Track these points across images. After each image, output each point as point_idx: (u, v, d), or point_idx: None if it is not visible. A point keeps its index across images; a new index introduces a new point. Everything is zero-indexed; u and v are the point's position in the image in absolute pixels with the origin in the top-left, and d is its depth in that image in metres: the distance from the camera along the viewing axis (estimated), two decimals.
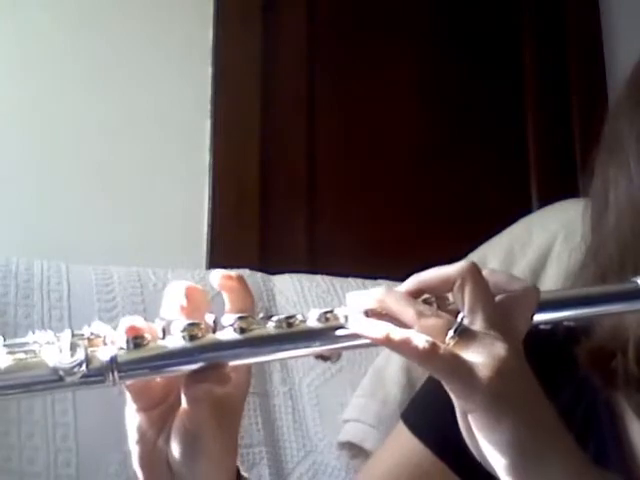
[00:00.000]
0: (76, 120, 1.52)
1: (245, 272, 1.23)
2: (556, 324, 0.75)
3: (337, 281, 1.26)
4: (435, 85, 1.80)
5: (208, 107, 1.62)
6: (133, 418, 0.60)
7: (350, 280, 1.27)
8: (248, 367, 0.62)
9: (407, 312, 0.56)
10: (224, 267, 1.25)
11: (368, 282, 1.27)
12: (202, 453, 0.59)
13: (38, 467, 0.97)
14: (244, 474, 0.64)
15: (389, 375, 1.13)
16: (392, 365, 1.13)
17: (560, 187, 1.56)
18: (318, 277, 1.26)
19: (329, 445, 1.11)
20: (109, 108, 1.54)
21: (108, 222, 1.50)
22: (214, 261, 1.53)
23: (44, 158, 1.49)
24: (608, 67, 1.89)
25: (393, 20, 1.79)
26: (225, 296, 0.61)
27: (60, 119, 1.51)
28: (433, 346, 0.53)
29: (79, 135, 1.52)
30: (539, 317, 0.60)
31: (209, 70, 1.63)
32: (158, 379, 0.59)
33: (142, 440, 0.60)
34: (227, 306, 0.60)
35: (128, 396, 0.60)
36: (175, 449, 0.59)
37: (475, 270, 0.57)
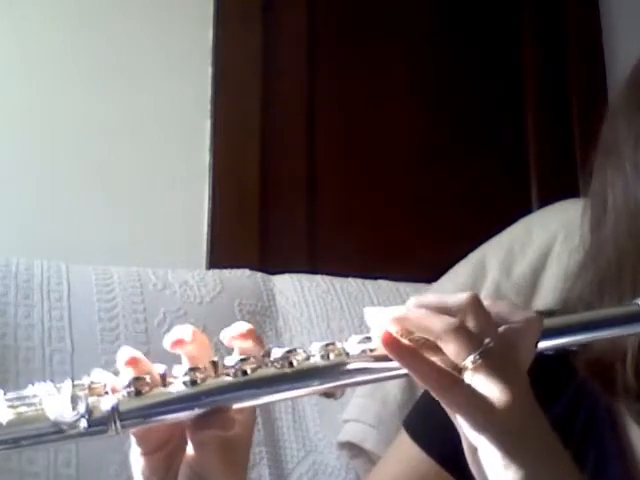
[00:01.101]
0: (76, 120, 1.52)
1: (245, 272, 1.23)
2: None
3: (337, 281, 1.26)
4: (435, 85, 1.80)
5: (208, 107, 1.61)
6: (137, 462, 0.60)
7: (350, 280, 1.27)
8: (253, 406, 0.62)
9: (435, 324, 0.55)
10: (224, 267, 1.26)
11: (368, 282, 1.26)
12: None
13: (38, 467, 0.97)
14: None
15: None
16: None
17: (560, 187, 1.55)
18: (318, 277, 1.26)
19: (329, 445, 1.11)
20: (109, 108, 1.54)
21: (108, 222, 1.50)
22: (214, 261, 1.52)
23: (44, 158, 1.49)
24: (608, 67, 1.89)
25: (393, 20, 1.79)
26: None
27: (60, 119, 1.51)
28: (452, 379, 0.54)
29: (79, 135, 1.51)
30: (543, 344, 0.60)
31: (209, 70, 1.63)
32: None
33: None
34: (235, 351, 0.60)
35: (132, 440, 0.59)
36: None
37: (477, 302, 0.56)
